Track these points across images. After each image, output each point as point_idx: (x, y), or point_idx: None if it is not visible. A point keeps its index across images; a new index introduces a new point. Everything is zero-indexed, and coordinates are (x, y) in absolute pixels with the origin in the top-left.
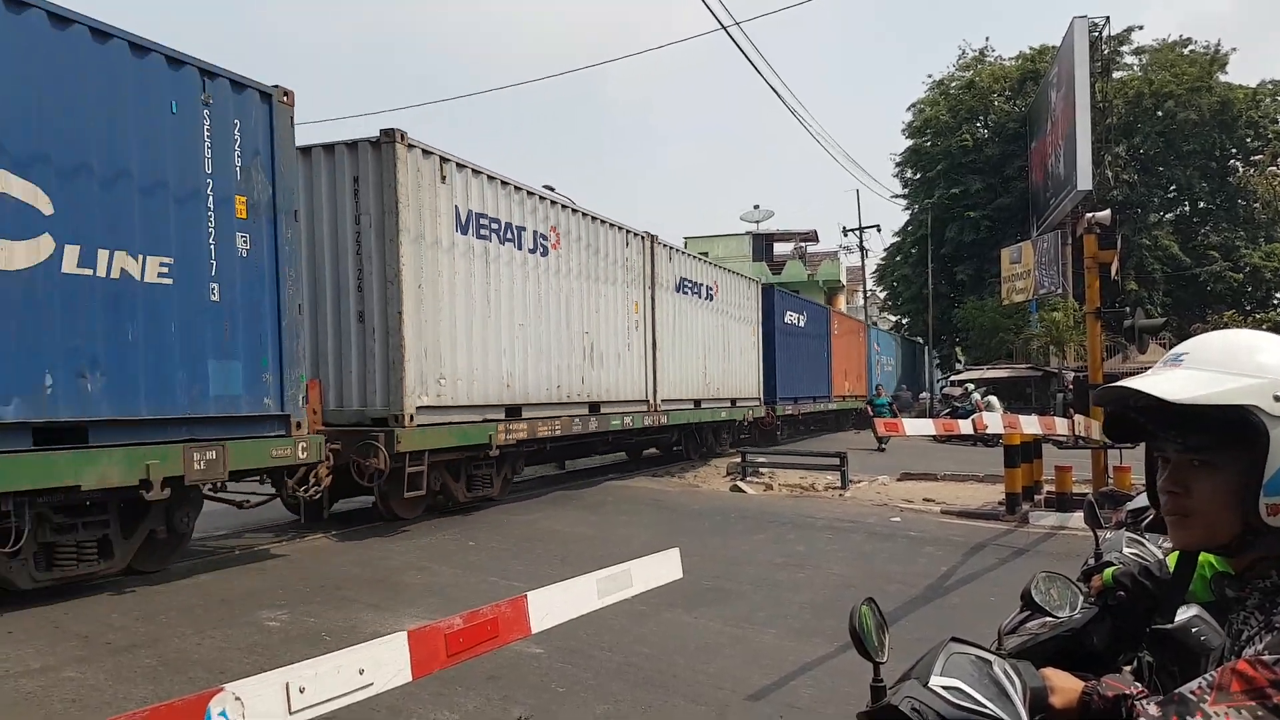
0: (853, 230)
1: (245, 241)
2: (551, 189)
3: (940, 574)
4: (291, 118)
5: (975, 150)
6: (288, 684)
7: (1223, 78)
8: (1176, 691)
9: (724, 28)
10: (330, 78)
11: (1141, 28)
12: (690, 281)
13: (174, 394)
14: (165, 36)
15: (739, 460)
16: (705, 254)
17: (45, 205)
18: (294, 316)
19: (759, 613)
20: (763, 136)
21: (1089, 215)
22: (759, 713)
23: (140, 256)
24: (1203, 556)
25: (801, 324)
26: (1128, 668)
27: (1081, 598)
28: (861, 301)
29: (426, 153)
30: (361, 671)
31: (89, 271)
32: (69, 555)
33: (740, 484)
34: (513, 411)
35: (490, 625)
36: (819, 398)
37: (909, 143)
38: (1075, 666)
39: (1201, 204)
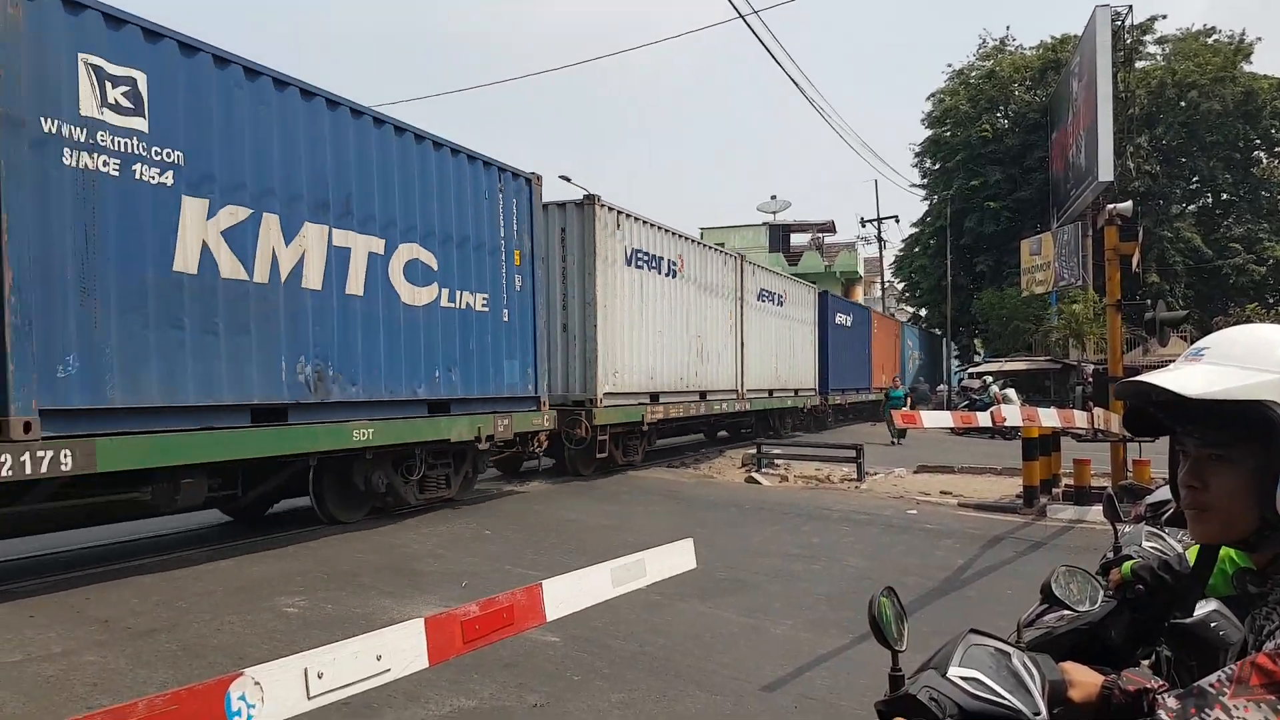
0: (871, 221)
1: (519, 280)
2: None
3: (957, 567)
4: (540, 193)
5: (995, 140)
6: (306, 669)
7: (1247, 67)
8: (1195, 685)
9: (742, 17)
10: (340, 66)
11: (1165, 17)
12: (768, 291)
13: (488, 382)
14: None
15: (754, 451)
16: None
17: (434, 263)
18: (541, 330)
19: (774, 603)
20: (780, 127)
21: (1110, 207)
22: (774, 703)
23: (474, 294)
24: (1224, 551)
25: (849, 324)
26: (1146, 662)
27: (1101, 592)
28: (879, 293)
29: (610, 209)
30: (379, 658)
31: (452, 305)
32: (433, 484)
33: (755, 475)
34: (654, 398)
35: (506, 613)
36: (861, 389)
37: (928, 133)
38: (1093, 660)
39: (1224, 196)
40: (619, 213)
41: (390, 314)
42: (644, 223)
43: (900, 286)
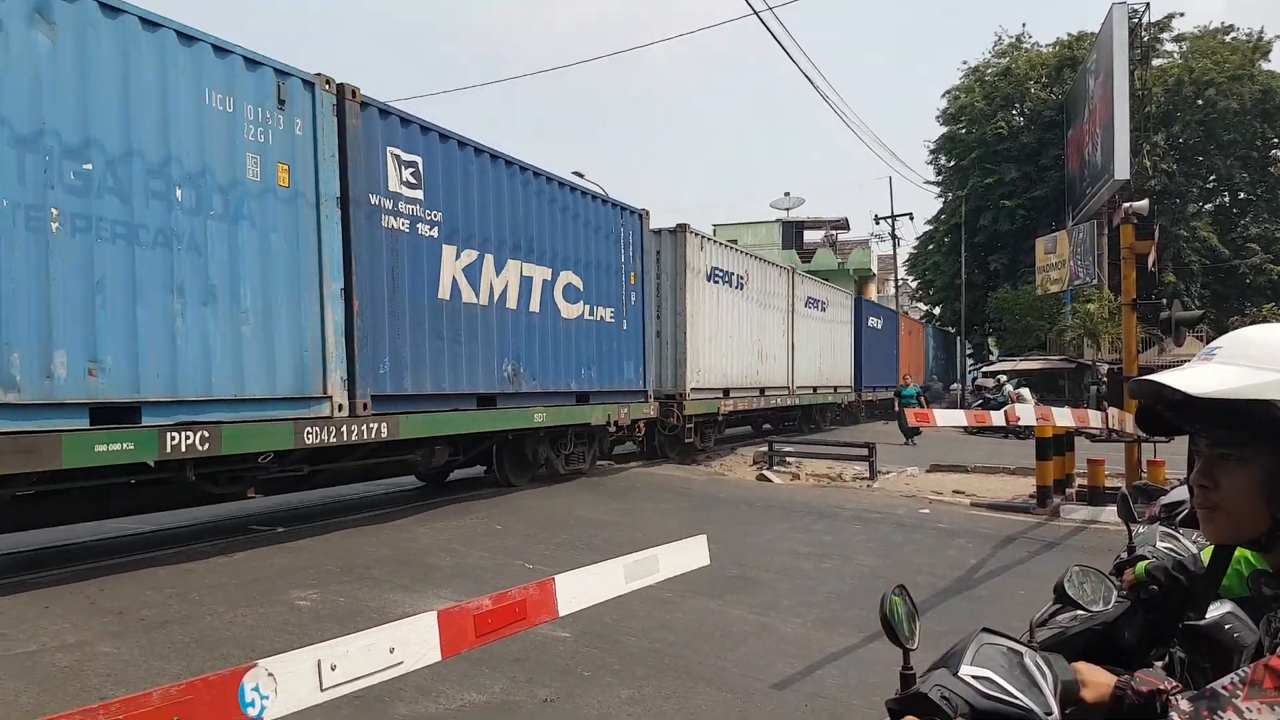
0: (885, 218)
1: (634, 296)
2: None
3: (969, 566)
4: (649, 224)
5: (1011, 138)
6: (319, 661)
7: (1265, 66)
8: (1209, 686)
9: (756, 13)
10: (359, 59)
11: (1183, 14)
12: (813, 299)
13: (613, 378)
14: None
15: (765, 449)
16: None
17: (580, 285)
18: (648, 335)
19: (785, 601)
20: (793, 124)
21: (1126, 205)
22: (785, 701)
23: (605, 308)
24: (1239, 552)
25: (879, 327)
26: (1159, 663)
27: (1114, 592)
28: (893, 290)
29: (695, 234)
30: (392, 650)
31: (592, 318)
32: (574, 459)
33: (767, 473)
34: (725, 393)
35: (519, 607)
36: (890, 387)
37: (943, 130)
38: (1106, 661)
39: (1241, 195)
40: (702, 237)
41: (554, 325)
42: (719, 244)
43: (914, 284)
